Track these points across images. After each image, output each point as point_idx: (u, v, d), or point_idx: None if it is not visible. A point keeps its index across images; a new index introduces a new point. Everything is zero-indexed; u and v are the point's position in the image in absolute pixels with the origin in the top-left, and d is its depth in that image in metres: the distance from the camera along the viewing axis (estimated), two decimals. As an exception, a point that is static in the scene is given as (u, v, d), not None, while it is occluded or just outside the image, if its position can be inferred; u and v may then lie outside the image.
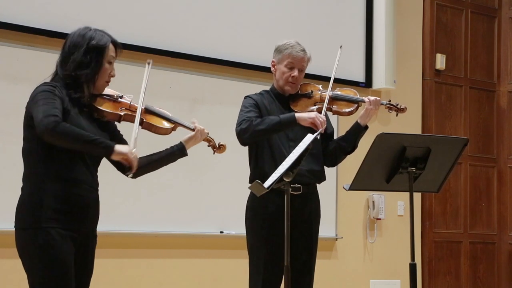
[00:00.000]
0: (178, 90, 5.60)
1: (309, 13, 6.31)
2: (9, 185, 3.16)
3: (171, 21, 5.59)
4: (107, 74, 3.07)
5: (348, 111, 3.92)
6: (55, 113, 2.85)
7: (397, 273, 6.63)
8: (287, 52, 3.88)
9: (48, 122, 2.81)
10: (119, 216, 5.23)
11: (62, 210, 2.92)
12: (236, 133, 3.77)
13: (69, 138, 2.84)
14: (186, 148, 3.27)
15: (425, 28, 7.16)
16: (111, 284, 5.27)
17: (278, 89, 3.95)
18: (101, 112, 3.08)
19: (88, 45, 3.03)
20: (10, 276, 4.55)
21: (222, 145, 3.42)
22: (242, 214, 3.92)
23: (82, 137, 2.86)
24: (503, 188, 7.47)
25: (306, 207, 3.83)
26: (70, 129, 2.84)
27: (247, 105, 3.86)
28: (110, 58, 3.08)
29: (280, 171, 3.30)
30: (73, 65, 3.01)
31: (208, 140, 3.39)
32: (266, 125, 3.70)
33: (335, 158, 3.98)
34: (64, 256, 2.90)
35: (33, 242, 2.89)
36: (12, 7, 4.95)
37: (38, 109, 2.87)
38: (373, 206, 6.57)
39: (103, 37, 3.08)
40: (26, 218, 2.92)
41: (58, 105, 2.90)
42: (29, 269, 2.93)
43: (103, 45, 3.05)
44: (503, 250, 7.41)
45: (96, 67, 3.03)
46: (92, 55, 3.02)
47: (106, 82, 3.10)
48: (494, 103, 7.54)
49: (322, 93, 3.92)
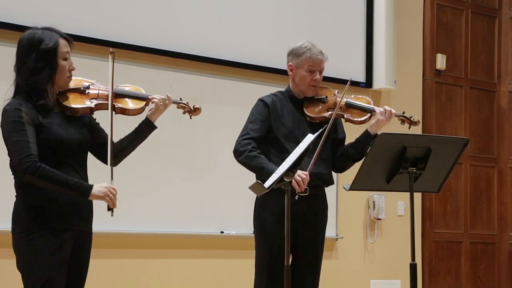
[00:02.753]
0: (178, 90, 5.56)
1: (309, 13, 6.30)
2: (8, 185, 3.16)
3: (171, 21, 5.59)
4: (65, 70, 3.04)
5: (360, 120, 3.91)
6: (29, 151, 2.86)
7: (398, 273, 6.63)
8: (306, 56, 3.86)
9: (26, 166, 2.85)
10: (119, 216, 5.18)
11: (55, 212, 2.95)
12: (234, 146, 3.82)
13: (47, 184, 2.88)
14: (152, 121, 3.26)
15: (426, 28, 7.15)
16: (111, 284, 5.26)
17: (297, 92, 3.93)
18: (72, 110, 3.07)
19: (38, 50, 2.98)
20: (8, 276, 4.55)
21: (197, 108, 3.43)
22: (242, 214, 3.93)
23: (60, 184, 2.89)
24: (503, 188, 7.46)
25: (313, 209, 3.84)
26: (49, 174, 2.87)
27: (255, 113, 3.88)
28: (64, 54, 3.03)
29: (280, 171, 3.30)
30: (28, 73, 2.98)
31: (182, 106, 3.39)
32: (253, 163, 3.73)
33: (343, 164, 3.99)
34: (59, 259, 2.93)
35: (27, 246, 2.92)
36: (12, 7, 4.94)
37: (12, 147, 2.90)
38: (373, 206, 6.57)
39: (52, 36, 3.01)
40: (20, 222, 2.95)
41: (31, 135, 2.90)
42: (23, 272, 2.96)
43: (53, 46, 2.99)
44: (503, 250, 7.41)
45: (51, 70, 2.99)
46: (45, 58, 2.98)
47: (68, 78, 3.06)
48: (495, 103, 7.53)
49: (336, 99, 3.91)
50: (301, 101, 3.92)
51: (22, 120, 2.91)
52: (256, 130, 3.80)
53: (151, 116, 3.27)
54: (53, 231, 2.93)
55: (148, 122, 3.26)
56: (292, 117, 3.86)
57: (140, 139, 3.27)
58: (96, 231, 3.21)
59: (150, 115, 3.27)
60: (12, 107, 2.95)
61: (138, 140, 3.26)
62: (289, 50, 3.96)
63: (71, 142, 3.02)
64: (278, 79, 5.68)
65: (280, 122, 3.85)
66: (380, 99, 6.66)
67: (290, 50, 3.95)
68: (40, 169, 2.85)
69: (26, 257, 2.93)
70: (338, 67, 5.96)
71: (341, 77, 6.06)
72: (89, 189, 2.93)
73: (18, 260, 2.97)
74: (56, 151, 2.98)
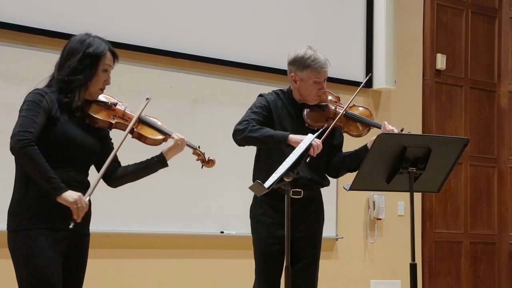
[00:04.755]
0: (178, 90, 5.60)
1: (310, 13, 6.30)
2: (7, 186, 3.17)
3: (171, 21, 5.59)
4: (101, 81, 3.10)
5: (357, 134, 3.87)
6: (30, 129, 2.89)
7: (398, 273, 6.63)
8: (312, 69, 3.77)
9: (20, 139, 2.86)
10: (119, 216, 5.23)
11: (52, 211, 2.95)
12: (233, 130, 3.73)
13: (29, 163, 2.88)
14: (166, 159, 3.26)
15: (426, 28, 7.15)
16: (111, 284, 5.26)
17: (299, 99, 3.86)
18: (93, 119, 3.10)
19: (84, 52, 3.06)
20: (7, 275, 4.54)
21: (211, 159, 3.38)
22: (242, 214, 3.92)
23: (39, 170, 2.87)
24: (503, 188, 7.46)
25: (308, 210, 3.83)
26: (36, 156, 2.87)
27: (257, 105, 3.81)
28: (106, 66, 3.10)
29: (280, 171, 3.29)
30: (68, 70, 3.05)
31: (198, 154, 3.35)
32: (259, 134, 3.64)
33: (337, 171, 3.95)
34: (53, 259, 2.94)
35: (22, 244, 2.93)
36: (12, 7, 4.94)
37: (18, 119, 2.94)
38: (373, 206, 6.57)
39: (101, 45, 3.10)
40: (16, 220, 2.96)
41: (40, 119, 2.94)
42: (18, 270, 2.97)
43: (100, 53, 3.08)
44: (503, 250, 7.41)
45: (89, 74, 3.05)
46: (87, 62, 3.05)
47: (100, 90, 3.13)
48: (495, 103, 7.53)
49: (336, 109, 3.86)
50: (301, 106, 3.87)
51: (41, 104, 2.97)
52: (257, 121, 3.72)
53: (166, 153, 3.26)
54: (48, 230, 2.94)
55: (162, 158, 3.25)
56: (291, 121, 3.82)
57: (148, 171, 3.27)
58: (96, 231, 3.22)
59: (166, 151, 3.26)
60: (37, 91, 3.03)
61: (144, 171, 3.26)
62: (290, 58, 3.84)
63: (80, 145, 3.04)
64: (278, 79, 5.68)
65: (279, 122, 3.83)
66: (380, 99, 6.67)
67: (292, 59, 3.83)
68: (30, 147, 2.87)
69: (21, 255, 2.94)
70: (338, 67, 5.96)
71: (341, 77, 6.07)
72: (62, 190, 2.91)
73: (12, 258, 2.98)
74: (63, 149, 3.00)
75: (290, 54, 3.87)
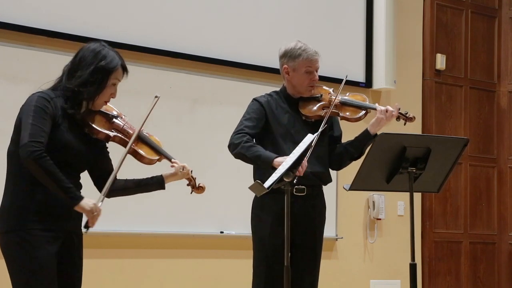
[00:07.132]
0: (178, 90, 5.60)
1: (309, 13, 6.31)
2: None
3: (171, 21, 5.59)
4: (108, 95, 3.09)
5: (355, 118, 3.90)
6: (41, 139, 2.88)
7: (397, 273, 6.63)
8: (303, 58, 3.84)
9: (33, 150, 2.85)
10: (119, 216, 5.23)
11: (44, 211, 2.95)
12: (228, 141, 3.78)
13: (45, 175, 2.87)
14: (165, 182, 3.28)
15: (425, 28, 7.15)
16: (111, 284, 5.26)
17: (293, 93, 3.92)
18: (92, 129, 3.09)
19: (96, 65, 3.04)
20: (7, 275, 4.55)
21: (201, 186, 3.36)
22: (242, 214, 3.92)
23: (56, 181, 2.88)
24: (503, 188, 7.46)
25: (310, 208, 3.83)
26: (50, 168, 2.87)
27: (250, 111, 3.86)
28: (115, 81, 3.09)
29: (280, 171, 3.30)
30: (78, 81, 3.02)
31: (189, 179, 3.33)
32: (249, 152, 3.68)
33: (340, 162, 3.98)
34: (46, 259, 2.93)
35: (14, 245, 2.93)
36: (12, 7, 4.94)
37: (26, 128, 2.90)
38: (373, 206, 6.57)
39: (114, 59, 3.08)
40: (8, 221, 2.96)
41: (47, 126, 2.92)
42: (12, 272, 2.96)
43: (112, 68, 3.06)
44: (503, 250, 7.41)
45: (99, 88, 3.04)
46: (99, 76, 3.04)
47: (105, 102, 3.12)
48: (494, 103, 7.53)
49: (331, 97, 3.90)
50: (296, 101, 3.92)
51: (47, 111, 2.95)
52: (251, 127, 3.78)
53: (166, 177, 3.28)
54: (40, 231, 2.93)
55: (161, 181, 3.27)
56: (288, 116, 3.86)
57: (144, 190, 3.29)
58: (96, 231, 3.21)
59: (166, 176, 3.28)
60: (42, 95, 2.99)
61: (141, 189, 3.28)
62: (281, 52, 3.92)
63: (76, 153, 3.04)
64: (277, 79, 5.63)
65: (276, 121, 3.85)
66: (380, 99, 6.67)
67: (283, 52, 3.92)
68: (44, 159, 2.86)
69: (14, 255, 2.93)
70: (338, 67, 5.97)
71: (341, 77, 6.06)
72: (80, 199, 2.94)
73: (5, 259, 2.97)
74: (60, 155, 2.99)
75: (280, 48, 3.95)
